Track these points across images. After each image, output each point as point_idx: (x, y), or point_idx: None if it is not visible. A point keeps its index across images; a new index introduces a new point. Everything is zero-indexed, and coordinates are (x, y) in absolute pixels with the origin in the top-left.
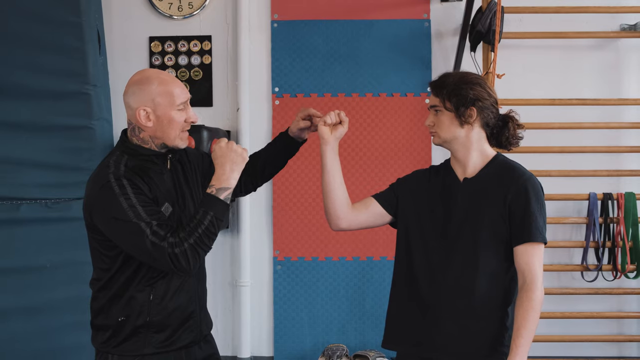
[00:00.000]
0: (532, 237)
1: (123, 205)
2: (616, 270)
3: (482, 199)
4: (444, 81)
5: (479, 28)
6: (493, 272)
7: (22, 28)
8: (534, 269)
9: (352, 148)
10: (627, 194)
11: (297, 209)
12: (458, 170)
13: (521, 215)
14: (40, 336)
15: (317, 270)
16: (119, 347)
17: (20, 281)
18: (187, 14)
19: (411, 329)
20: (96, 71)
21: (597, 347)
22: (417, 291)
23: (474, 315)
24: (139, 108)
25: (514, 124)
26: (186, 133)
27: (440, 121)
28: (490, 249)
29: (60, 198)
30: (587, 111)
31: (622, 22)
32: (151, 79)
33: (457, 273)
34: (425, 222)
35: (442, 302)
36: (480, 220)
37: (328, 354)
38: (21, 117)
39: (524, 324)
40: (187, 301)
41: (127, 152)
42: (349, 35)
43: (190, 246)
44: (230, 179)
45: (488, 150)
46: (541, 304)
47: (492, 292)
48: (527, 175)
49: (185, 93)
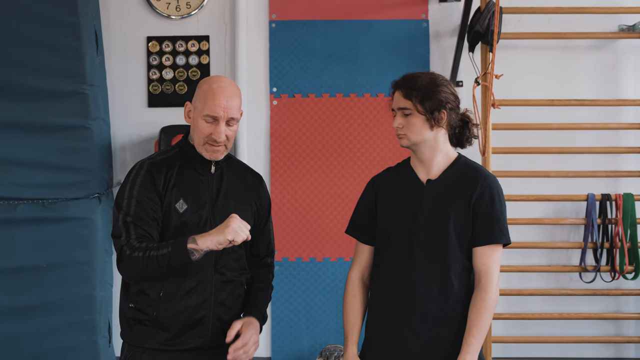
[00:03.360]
0: (496, 239)
1: (126, 191)
2: (614, 271)
3: (446, 201)
4: (415, 83)
5: (477, 28)
6: (462, 273)
7: (19, 27)
8: (491, 270)
9: (350, 148)
10: (626, 195)
11: (294, 209)
12: (420, 171)
13: (485, 217)
14: (37, 337)
15: (315, 271)
16: (129, 335)
17: (16, 281)
18: (184, 14)
19: (380, 335)
20: (93, 71)
21: (595, 348)
22: (385, 296)
23: (445, 318)
24: (188, 103)
25: (472, 124)
26: (215, 147)
27: (411, 124)
28: (457, 250)
29: (57, 198)
30: (585, 112)
31: (621, 22)
32: (206, 82)
33: (426, 276)
34: (393, 223)
35: (411, 308)
36: (446, 222)
37: (326, 354)
38: (18, 117)
39: (476, 323)
40: (197, 306)
41: (180, 145)
42: (347, 36)
43: (137, 258)
44: (202, 239)
45: (451, 151)
46: (495, 305)
47: (461, 294)
48: (491, 177)
49: (220, 109)
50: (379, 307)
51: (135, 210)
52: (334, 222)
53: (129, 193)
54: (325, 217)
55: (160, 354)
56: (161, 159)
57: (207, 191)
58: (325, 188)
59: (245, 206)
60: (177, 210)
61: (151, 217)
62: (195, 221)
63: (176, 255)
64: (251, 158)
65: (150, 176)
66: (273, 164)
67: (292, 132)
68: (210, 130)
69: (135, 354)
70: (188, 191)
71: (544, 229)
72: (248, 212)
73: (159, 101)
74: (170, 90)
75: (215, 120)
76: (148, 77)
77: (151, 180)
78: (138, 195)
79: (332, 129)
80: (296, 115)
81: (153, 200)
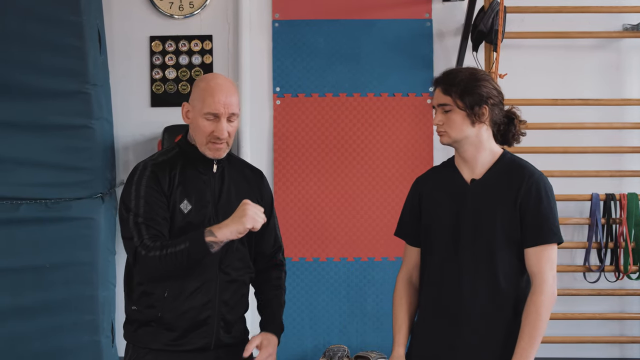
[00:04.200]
0: (546, 239)
1: (132, 192)
2: (618, 271)
3: (491, 200)
4: (454, 78)
5: (481, 28)
6: (511, 274)
7: (21, 27)
8: (544, 271)
9: (354, 148)
10: (630, 195)
11: (298, 209)
12: (465, 170)
13: (533, 217)
14: (39, 337)
15: (318, 271)
16: (133, 336)
17: (19, 281)
18: (187, 14)
19: (429, 340)
20: (96, 70)
21: (599, 348)
22: (432, 298)
23: (493, 321)
24: (185, 103)
25: (518, 120)
26: (218, 145)
27: (451, 120)
28: (505, 252)
29: (60, 198)
30: (589, 111)
31: (625, 22)
32: (203, 80)
33: (473, 278)
34: (437, 225)
35: (460, 312)
36: (492, 222)
37: (329, 355)
38: (21, 117)
39: (528, 328)
40: (201, 306)
41: (180, 145)
42: (350, 35)
43: (154, 257)
44: (221, 230)
45: (495, 148)
46: (550, 308)
47: (510, 296)
48: (537, 174)
49: (220, 106)
50: (426, 310)
51: (145, 211)
52: (337, 222)
53: (136, 194)
54: (328, 216)
55: (165, 354)
56: (163, 160)
57: (209, 190)
58: (328, 188)
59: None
60: (182, 210)
61: (162, 217)
62: (200, 221)
63: (194, 249)
64: (254, 158)
65: (155, 177)
66: (276, 164)
67: (296, 132)
68: (212, 128)
69: (140, 355)
70: (192, 191)
71: None
72: None
73: (161, 101)
74: (173, 89)
75: (217, 117)
76: (151, 76)
77: (157, 181)
78: (146, 195)
79: (335, 128)
80: (299, 115)
81: (161, 200)
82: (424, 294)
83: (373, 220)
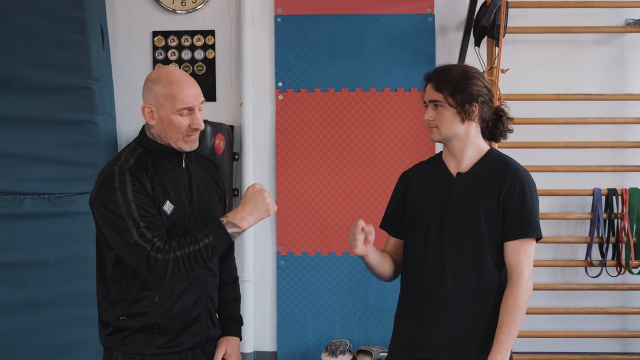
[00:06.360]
0: (526, 233)
1: (118, 199)
2: (620, 266)
3: (476, 194)
4: (447, 76)
5: (484, 23)
6: (493, 268)
7: (25, 22)
8: (522, 265)
9: (356, 143)
10: (632, 190)
11: (300, 203)
12: (451, 164)
13: (515, 211)
14: (43, 331)
15: (320, 266)
16: (122, 344)
17: (23, 276)
18: (190, 9)
19: (405, 329)
20: (99, 66)
21: (601, 343)
22: (414, 290)
23: (474, 314)
24: (145, 105)
25: (506, 117)
26: (193, 137)
27: (442, 116)
28: (487, 245)
29: (63, 193)
30: (591, 106)
31: (627, 16)
32: (159, 78)
33: (456, 270)
34: (422, 217)
35: (439, 302)
36: (476, 216)
37: (331, 349)
38: (24, 112)
39: (507, 320)
40: (192, 304)
41: (142, 145)
42: (352, 30)
43: (175, 258)
44: (245, 220)
45: (482, 145)
46: (527, 301)
47: (492, 290)
48: (522, 171)
49: (191, 98)
50: (407, 302)
51: (140, 215)
52: (340, 216)
53: (124, 199)
54: (330, 211)
55: (160, 357)
56: (134, 162)
57: (182, 187)
58: (331, 182)
59: (214, 195)
60: (166, 212)
61: (157, 218)
62: (182, 221)
63: (219, 242)
64: (257, 153)
65: (138, 180)
66: (279, 159)
67: (298, 127)
68: (188, 122)
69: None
70: (170, 191)
71: (550, 223)
72: (216, 201)
73: None
74: None
75: (191, 110)
76: None
77: (141, 184)
78: (135, 200)
79: (337, 123)
80: (302, 110)
81: (150, 204)
82: (406, 285)
83: (375, 214)
